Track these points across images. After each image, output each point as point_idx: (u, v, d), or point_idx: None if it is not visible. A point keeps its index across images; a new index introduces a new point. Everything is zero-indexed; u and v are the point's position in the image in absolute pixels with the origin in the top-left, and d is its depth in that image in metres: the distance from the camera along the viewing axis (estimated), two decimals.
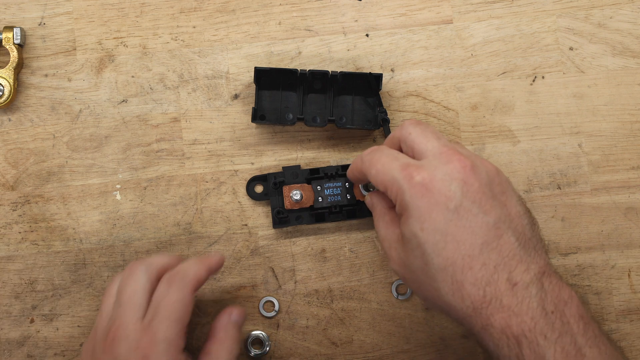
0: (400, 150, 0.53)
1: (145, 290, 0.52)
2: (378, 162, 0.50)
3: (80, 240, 0.62)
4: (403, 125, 0.52)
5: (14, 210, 0.62)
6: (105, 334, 0.52)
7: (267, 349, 0.61)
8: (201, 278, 0.54)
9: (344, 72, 0.60)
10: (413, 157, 0.51)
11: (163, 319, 0.51)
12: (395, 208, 0.50)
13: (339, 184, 0.60)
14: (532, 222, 0.50)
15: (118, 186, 0.62)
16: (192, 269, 0.53)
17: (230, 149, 0.62)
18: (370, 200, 0.56)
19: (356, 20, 0.63)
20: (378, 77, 0.60)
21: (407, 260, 0.49)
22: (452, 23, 0.63)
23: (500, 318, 0.45)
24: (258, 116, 0.61)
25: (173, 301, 0.51)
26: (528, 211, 0.50)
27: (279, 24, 0.63)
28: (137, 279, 0.53)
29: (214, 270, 0.55)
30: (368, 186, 0.59)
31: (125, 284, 0.53)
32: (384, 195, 0.54)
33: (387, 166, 0.49)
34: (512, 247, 0.47)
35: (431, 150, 0.49)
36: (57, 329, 0.61)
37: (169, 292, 0.52)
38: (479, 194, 0.47)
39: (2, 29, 0.61)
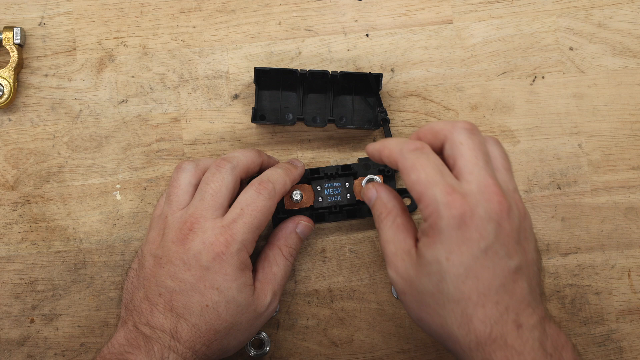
0: (439, 148, 0.50)
1: (229, 190, 0.55)
2: (422, 169, 0.48)
3: (80, 240, 0.62)
4: (456, 127, 0.49)
5: (14, 210, 0.62)
6: (180, 225, 0.54)
7: (267, 349, 0.61)
8: (287, 190, 0.57)
9: (344, 72, 0.60)
10: (452, 165, 0.49)
11: (245, 223, 0.53)
12: (422, 224, 0.49)
13: (339, 184, 0.60)
14: (540, 269, 0.51)
15: (118, 186, 0.62)
16: (280, 180, 0.56)
17: (230, 149, 0.62)
18: (376, 194, 0.54)
19: (356, 20, 0.63)
20: (378, 77, 0.60)
21: (416, 278, 0.49)
22: (452, 23, 0.63)
23: (503, 355, 0.46)
24: (258, 116, 0.61)
25: (260, 208, 0.54)
26: (540, 258, 0.51)
27: (279, 24, 0.63)
28: (224, 178, 0.55)
29: (296, 182, 0.58)
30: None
31: (211, 180, 0.55)
32: (394, 193, 0.54)
33: (431, 180, 0.47)
34: (524, 292, 0.48)
35: (477, 177, 0.48)
36: (57, 329, 0.61)
37: (258, 199, 0.54)
38: (508, 238, 0.48)
39: (2, 29, 0.61)
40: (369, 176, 0.59)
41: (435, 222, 0.47)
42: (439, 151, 0.50)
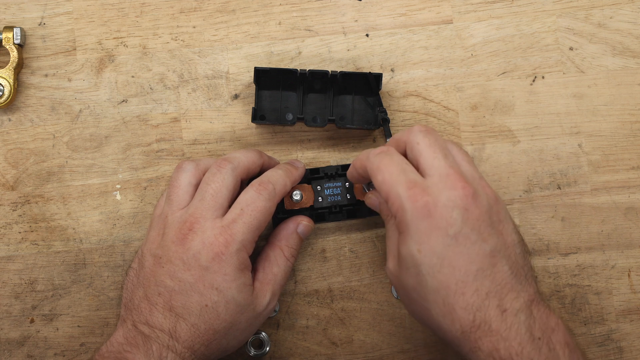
0: (405, 153, 0.52)
1: (229, 191, 0.55)
2: (385, 169, 0.50)
3: (80, 240, 0.62)
4: (412, 130, 0.52)
5: (14, 210, 0.62)
6: (180, 225, 0.54)
7: (267, 349, 0.61)
8: (287, 190, 0.57)
9: (344, 72, 0.60)
10: (417, 167, 0.51)
11: (245, 223, 0.53)
12: (394, 221, 0.50)
13: (339, 184, 0.60)
14: (525, 251, 0.51)
15: (118, 186, 0.62)
16: (281, 181, 0.56)
17: (230, 149, 0.62)
18: (376, 200, 0.56)
19: (356, 20, 0.63)
20: (378, 77, 0.60)
21: (400, 275, 0.50)
22: (452, 23, 0.63)
23: (489, 342, 0.47)
24: (258, 116, 0.61)
25: (260, 209, 0.54)
26: (522, 239, 0.51)
27: (279, 24, 0.63)
28: (224, 178, 0.55)
29: (296, 183, 0.58)
30: (370, 184, 0.59)
31: (211, 180, 0.55)
32: None
33: (394, 178, 0.49)
34: (505, 275, 0.48)
35: (437, 170, 0.49)
36: (57, 329, 0.61)
37: (258, 199, 0.54)
38: (478, 222, 0.48)
39: (2, 29, 0.61)
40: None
41: (402, 217, 0.48)
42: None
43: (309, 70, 0.60)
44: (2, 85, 0.61)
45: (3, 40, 0.61)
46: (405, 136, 0.52)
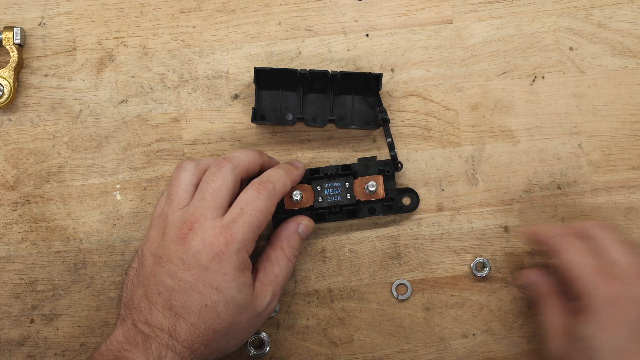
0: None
1: (229, 190, 0.55)
2: (575, 251, 0.53)
3: (80, 240, 0.62)
4: (593, 225, 0.55)
5: (14, 210, 0.62)
6: (180, 224, 0.54)
7: (267, 349, 0.61)
8: (287, 190, 0.57)
9: (344, 72, 0.60)
10: (596, 254, 0.54)
11: (245, 222, 0.53)
12: (579, 302, 0.52)
13: (339, 184, 0.60)
14: None
15: (118, 186, 0.62)
16: (281, 181, 0.56)
17: (230, 149, 0.62)
18: (535, 279, 0.59)
19: (356, 20, 0.63)
20: (378, 77, 0.60)
21: (571, 354, 0.52)
22: (452, 23, 0.63)
23: None
24: (258, 116, 0.61)
25: (260, 208, 0.54)
26: None
27: (279, 24, 0.63)
28: (224, 178, 0.55)
29: (296, 183, 0.58)
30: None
31: (211, 179, 0.55)
32: (549, 278, 0.58)
33: (584, 261, 0.53)
34: None
35: (624, 263, 0.52)
36: (57, 329, 0.61)
37: (258, 198, 0.54)
38: None
39: (2, 29, 0.61)
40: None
41: (590, 301, 0.51)
42: None
43: (309, 70, 0.60)
44: (2, 85, 0.61)
45: (3, 40, 0.61)
46: (585, 229, 0.55)
